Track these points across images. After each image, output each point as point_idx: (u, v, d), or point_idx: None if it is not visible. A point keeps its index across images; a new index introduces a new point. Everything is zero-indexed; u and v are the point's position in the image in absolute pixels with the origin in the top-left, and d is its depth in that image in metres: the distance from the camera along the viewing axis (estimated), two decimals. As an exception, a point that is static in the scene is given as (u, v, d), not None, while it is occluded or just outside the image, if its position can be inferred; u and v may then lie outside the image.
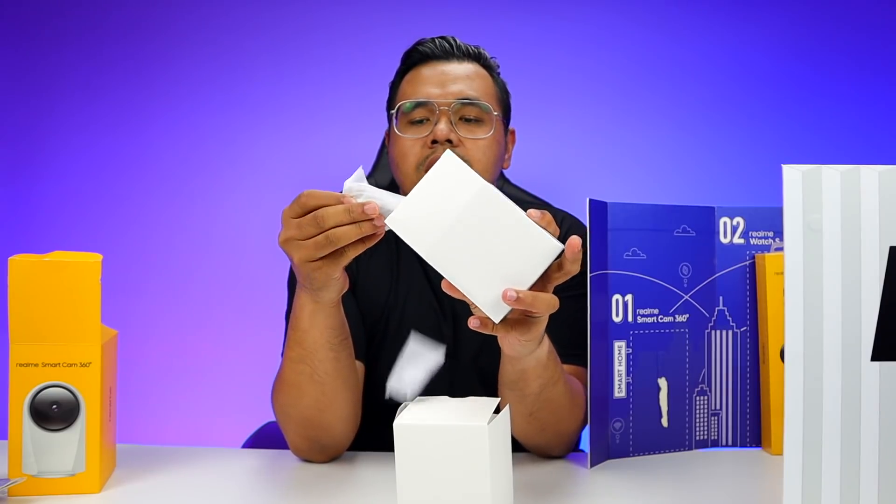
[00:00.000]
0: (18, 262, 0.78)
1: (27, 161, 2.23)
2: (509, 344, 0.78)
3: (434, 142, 1.01)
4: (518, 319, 0.74)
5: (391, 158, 1.08)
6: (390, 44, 2.19)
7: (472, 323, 0.73)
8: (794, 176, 0.60)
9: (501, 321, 0.72)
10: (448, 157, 0.71)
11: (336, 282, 0.79)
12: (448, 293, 0.72)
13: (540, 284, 0.71)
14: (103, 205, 2.21)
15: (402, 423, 0.69)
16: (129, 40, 2.22)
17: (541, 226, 0.70)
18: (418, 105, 1.03)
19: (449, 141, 1.00)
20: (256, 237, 2.15)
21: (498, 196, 0.69)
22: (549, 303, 0.71)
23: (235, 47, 2.22)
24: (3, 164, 2.22)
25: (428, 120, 1.03)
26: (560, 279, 0.73)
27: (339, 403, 0.90)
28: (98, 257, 0.80)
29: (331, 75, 2.20)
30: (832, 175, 0.59)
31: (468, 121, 1.03)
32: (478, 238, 0.69)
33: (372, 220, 0.70)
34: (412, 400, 0.76)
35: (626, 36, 2.19)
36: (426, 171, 0.99)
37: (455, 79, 1.04)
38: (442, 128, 1.00)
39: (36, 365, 0.79)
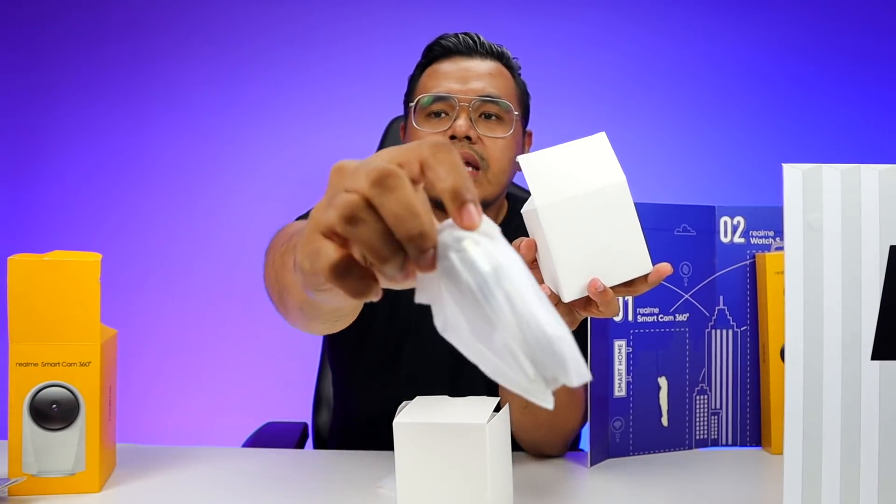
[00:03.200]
0: (18, 262, 0.78)
1: (27, 161, 2.23)
2: None
3: (452, 137, 1.00)
4: (570, 310, 0.75)
5: None
6: (390, 44, 2.19)
7: (546, 292, 0.73)
8: (794, 175, 0.60)
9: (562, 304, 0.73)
10: (602, 137, 0.71)
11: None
12: (522, 253, 0.72)
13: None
14: (103, 205, 2.21)
15: (402, 421, 0.69)
16: (129, 40, 2.22)
17: None
18: (438, 99, 1.02)
19: (468, 138, 0.99)
20: (256, 237, 2.15)
21: (628, 196, 0.70)
22: (616, 309, 0.73)
23: (236, 47, 2.22)
24: (3, 163, 2.22)
25: (447, 114, 1.02)
26: (623, 294, 0.74)
27: (300, 328, 0.76)
28: (97, 257, 0.80)
29: (332, 75, 2.20)
30: (832, 174, 0.59)
31: (488, 117, 1.02)
32: (590, 221, 0.69)
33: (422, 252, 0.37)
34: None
35: (626, 36, 2.19)
36: None
37: (478, 76, 1.03)
38: (461, 124, 0.99)
39: (35, 364, 0.79)
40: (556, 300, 0.73)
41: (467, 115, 1.00)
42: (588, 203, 0.69)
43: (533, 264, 0.76)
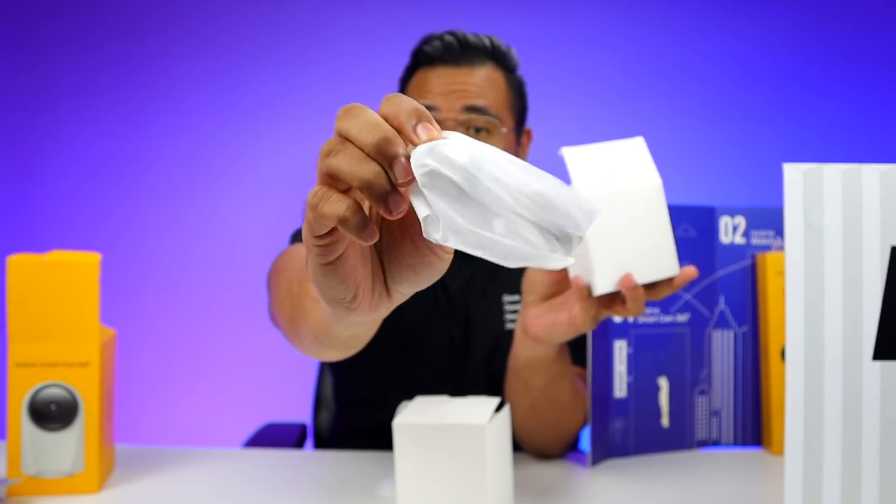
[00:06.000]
0: (17, 262, 0.78)
1: (27, 161, 2.23)
2: (547, 326, 0.79)
3: None
4: (594, 307, 0.77)
5: None
6: (391, 44, 2.19)
7: (579, 283, 0.75)
8: (795, 175, 0.59)
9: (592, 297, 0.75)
10: (640, 141, 0.75)
11: (337, 281, 0.41)
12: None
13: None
14: (103, 205, 2.21)
15: (402, 422, 0.69)
16: (129, 40, 2.22)
17: None
18: None
19: None
20: (256, 237, 2.15)
21: (663, 199, 0.73)
22: (641, 309, 0.74)
23: (235, 47, 2.22)
24: (3, 164, 2.22)
25: None
26: (646, 297, 0.75)
27: (308, 355, 0.73)
28: (97, 257, 0.80)
29: (331, 75, 2.20)
30: (833, 174, 0.59)
31: (477, 131, 0.98)
32: (626, 218, 0.72)
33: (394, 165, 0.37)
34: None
35: (627, 36, 2.19)
36: None
37: (464, 87, 0.97)
38: None
39: (34, 365, 0.79)
40: (585, 293, 0.74)
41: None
42: (626, 200, 0.72)
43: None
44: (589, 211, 0.36)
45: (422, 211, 0.37)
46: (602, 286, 0.72)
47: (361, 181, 0.36)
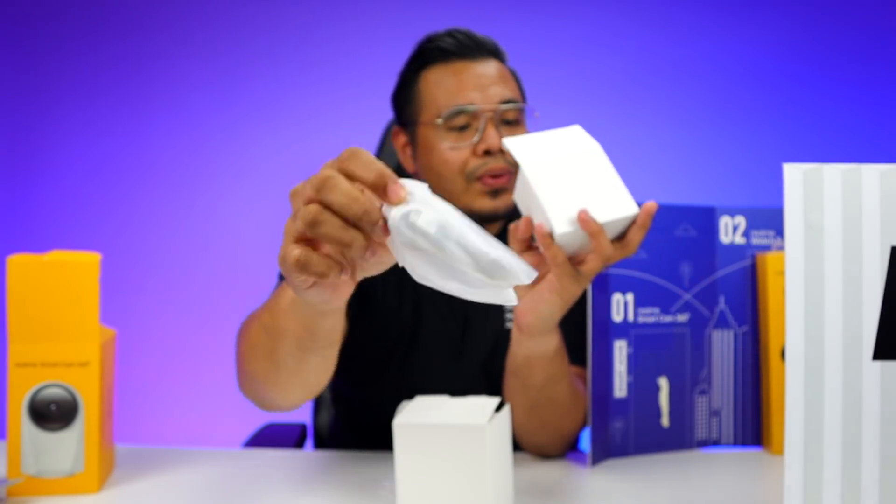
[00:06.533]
0: (17, 262, 0.78)
1: (27, 161, 2.23)
2: (533, 305, 0.79)
3: (487, 153, 0.97)
4: (568, 262, 0.78)
5: (426, 166, 1.02)
6: (391, 44, 2.19)
7: (542, 230, 0.76)
8: (795, 175, 0.59)
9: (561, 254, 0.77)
10: (577, 128, 0.81)
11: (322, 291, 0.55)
12: (521, 231, 0.78)
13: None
14: (103, 204, 2.21)
15: (402, 422, 0.69)
16: (129, 40, 2.22)
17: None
18: (461, 112, 0.98)
19: (500, 151, 0.97)
20: (255, 237, 2.15)
21: (605, 158, 0.78)
22: (607, 248, 0.74)
23: (236, 47, 2.22)
24: (3, 164, 2.22)
25: (469, 126, 0.98)
26: (620, 251, 0.76)
27: (289, 391, 0.78)
28: (97, 257, 0.80)
29: (331, 75, 2.20)
30: (833, 174, 0.59)
31: (507, 123, 1.00)
32: (572, 176, 0.77)
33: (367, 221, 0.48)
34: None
35: (627, 36, 2.19)
36: (478, 181, 0.98)
37: (492, 81, 1.00)
38: (493, 136, 0.96)
39: (34, 365, 0.79)
40: (549, 241, 0.75)
41: (494, 126, 0.97)
42: (568, 164, 0.77)
43: (534, 248, 0.79)
44: (529, 272, 0.48)
45: (401, 260, 0.50)
46: (560, 226, 0.74)
47: (348, 245, 0.48)
